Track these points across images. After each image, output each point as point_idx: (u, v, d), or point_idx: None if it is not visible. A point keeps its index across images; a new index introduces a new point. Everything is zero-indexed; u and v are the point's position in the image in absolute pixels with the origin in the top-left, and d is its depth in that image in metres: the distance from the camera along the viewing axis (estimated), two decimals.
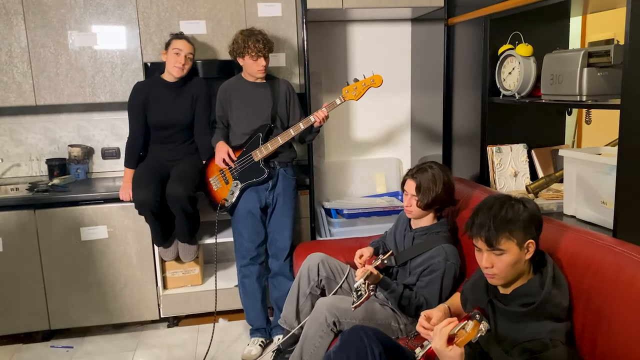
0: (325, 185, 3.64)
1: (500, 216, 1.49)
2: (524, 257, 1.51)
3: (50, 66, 2.94)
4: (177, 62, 2.75)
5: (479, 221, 1.51)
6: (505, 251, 1.50)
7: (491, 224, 1.48)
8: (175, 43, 2.76)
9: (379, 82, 2.68)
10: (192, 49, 2.80)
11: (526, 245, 1.50)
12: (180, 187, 2.68)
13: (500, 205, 1.52)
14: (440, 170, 2.23)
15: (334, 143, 3.66)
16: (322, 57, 3.53)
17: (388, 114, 3.70)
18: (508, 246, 1.50)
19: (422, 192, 2.19)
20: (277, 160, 2.80)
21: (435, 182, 2.19)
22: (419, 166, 2.27)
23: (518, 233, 1.49)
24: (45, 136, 3.33)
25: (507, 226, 1.49)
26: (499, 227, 1.49)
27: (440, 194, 2.18)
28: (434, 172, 2.21)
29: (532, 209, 1.53)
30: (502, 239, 1.49)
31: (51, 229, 2.86)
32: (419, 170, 2.23)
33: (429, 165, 2.25)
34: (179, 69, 2.76)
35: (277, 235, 2.83)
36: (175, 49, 2.75)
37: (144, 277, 3.00)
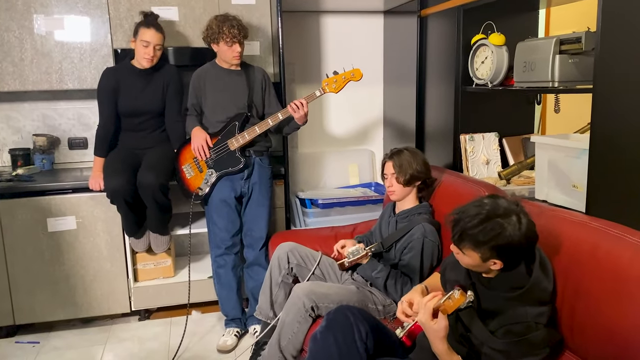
0: (298, 177, 3.63)
1: (475, 229, 1.45)
2: (488, 266, 1.50)
3: (14, 51, 2.83)
4: (146, 54, 2.68)
5: (458, 217, 1.50)
6: (468, 256, 1.51)
7: (462, 229, 1.47)
8: (143, 34, 2.66)
9: (358, 76, 2.68)
10: (161, 39, 2.71)
11: (490, 261, 1.48)
12: (152, 175, 2.62)
13: (485, 219, 1.45)
14: (415, 150, 2.36)
15: (307, 134, 3.65)
16: (296, 47, 3.51)
17: (361, 106, 3.72)
18: (470, 254, 1.50)
19: (401, 168, 2.26)
20: (252, 150, 2.77)
21: (412, 158, 2.29)
22: (394, 149, 2.36)
23: (485, 251, 1.46)
24: (7, 125, 3.20)
25: (475, 240, 1.46)
26: (465, 237, 1.47)
27: (419, 168, 2.27)
28: (408, 150, 2.33)
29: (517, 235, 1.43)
30: (467, 247, 1.49)
31: (15, 220, 2.75)
32: (394, 152, 2.32)
33: (403, 147, 2.37)
34: (148, 60, 2.70)
35: (252, 225, 2.80)
36: (144, 41, 2.67)
37: (114, 270, 2.92)
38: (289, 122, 2.76)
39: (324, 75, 3.57)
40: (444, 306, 1.38)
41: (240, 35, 2.64)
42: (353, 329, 1.54)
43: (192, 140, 2.69)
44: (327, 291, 2.15)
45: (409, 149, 2.33)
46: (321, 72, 3.60)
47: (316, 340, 1.62)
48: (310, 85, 3.59)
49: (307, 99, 2.67)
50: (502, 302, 1.49)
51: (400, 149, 2.33)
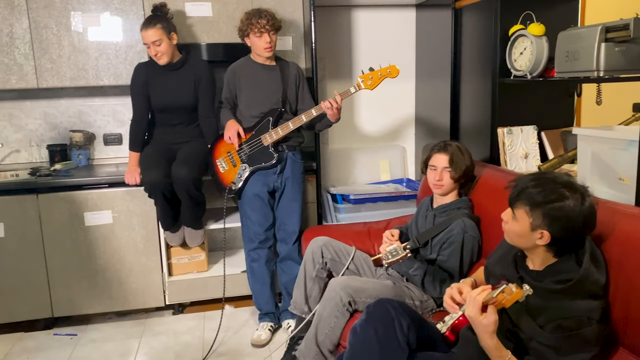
0: (329, 173, 3.61)
1: (535, 189, 1.45)
2: (534, 239, 1.47)
3: (52, 48, 2.88)
4: (152, 54, 2.70)
5: (519, 179, 1.52)
6: (518, 221, 1.49)
7: (522, 187, 1.48)
8: (142, 36, 2.68)
9: (395, 73, 2.64)
10: (156, 33, 2.64)
11: (538, 231, 1.46)
12: (185, 169, 2.64)
13: (548, 181, 1.45)
14: (462, 144, 2.32)
15: (338, 130, 3.63)
16: (327, 42, 3.49)
17: (392, 102, 3.68)
18: (521, 218, 1.48)
19: (455, 163, 2.23)
20: (285, 145, 2.76)
21: (462, 153, 2.28)
22: (442, 142, 2.33)
23: (537, 216, 1.44)
24: (45, 121, 3.26)
25: (531, 199, 1.46)
26: (522, 195, 1.48)
27: (468, 164, 2.25)
28: (457, 144, 2.30)
29: (576, 211, 1.40)
30: (521, 207, 1.48)
31: (54, 214, 2.80)
32: (445, 145, 2.29)
33: (450, 141, 2.34)
34: (156, 58, 2.71)
35: (285, 220, 2.79)
36: (144, 44, 2.69)
37: (149, 264, 2.95)
38: (321, 119, 2.75)
39: (355, 71, 3.58)
40: (497, 300, 1.34)
41: (269, 24, 2.62)
42: (394, 322, 1.51)
43: (225, 131, 2.69)
44: (363, 285, 2.12)
45: (458, 143, 2.30)
46: (352, 68, 3.58)
47: (356, 334, 1.59)
48: (342, 80, 3.57)
49: (341, 96, 2.64)
50: (551, 296, 1.45)
51: (450, 142, 2.30)
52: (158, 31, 2.68)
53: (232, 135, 2.65)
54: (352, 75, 3.57)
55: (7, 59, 2.85)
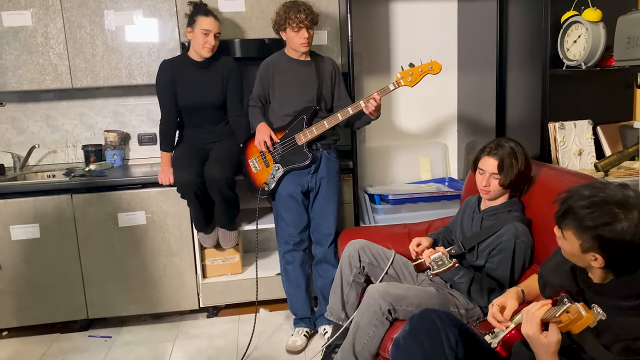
0: (366, 172, 3.48)
1: (583, 211, 1.28)
2: (588, 260, 1.32)
3: (86, 47, 2.86)
4: (207, 44, 2.63)
5: (568, 195, 1.34)
6: (567, 241, 1.34)
7: (569, 207, 1.31)
8: (202, 22, 2.61)
9: (437, 69, 2.49)
10: (219, 27, 2.66)
11: (590, 254, 1.30)
12: (218, 169, 2.57)
13: (599, 202, 1.27)
14: (518, 144, 2.10)
15: (375, 127, 3.48)
16: (363, 36, 3.36)
17: (433, 97, 3.51)
18: (570, 239, 1.33)
19: (504, 169, 2.04)
20: (320, 143, 2.65)
21: (516, 157, 2.06)
22: (494, 142, 2.12)
23: (586, 239, 1.29)
24: (81, 122, 3.25)
25: (578, 222, 1.29)
26: (569, 216, 1.31)
27: (523, 169, 2.05)
28: (512, 145, 2.08)
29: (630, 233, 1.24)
30: (568, 229, 1.32)
31: (88, 214, 2.78)
32: (497, 146, 2.08)
33: (505, 140, 2.11)
34: (209, 49, 2.64)
35: (320, 221, 2.68)
36: (204, 30, 2.61)
37: (183, 265, 2.90)
38: (360, 117, 2.62)
39: (394, 66, 3.43)
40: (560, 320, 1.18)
41: (308, 20, 2.52)
42: (441, 335, 1.38)
43: (257, 135, 2.61)
44: (404, 293, 1.99)
45: (512, 144, 2.07)
46: (391, 63, 3.43)
47: (399, 347, 1.47)
48: (379, 76, 3.43)
49: (379, 93, 2.51)
50: (617, 313, 1.28)
51: (502, 143, 2.08)
52: (219, 26, 2.65)
53: (263, 140, 2.57)
54: (390, 70, 3.43)
55: (42, 60, 2.84)
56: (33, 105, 3.20)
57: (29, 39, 2.81)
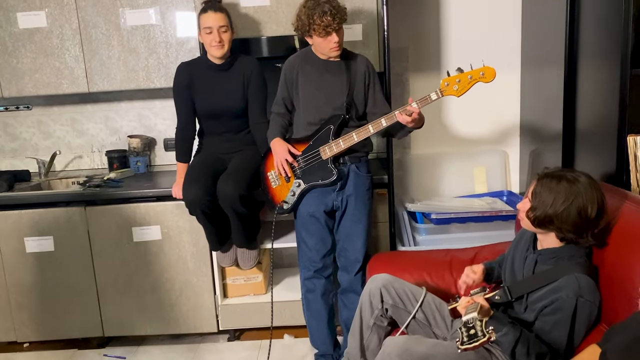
0: (411, 183, 3.09)
1: None
2: None
3: (102, 49, 2.68)
4: (213, 41, 2.35)
5: None
6: None
7: None
8: (202, 21, 2.36)
9: (490, 77, 2.08)
10: (224, 19, 2.37)
11: None
12: (230, 184, 2.29)
13: None
14: (583, 188, 1.57)
15: (422, 132, 3.03)
16: (410, 29, 2.96)
17: (492, 97, 3.03)
18: None
19: (536, 201, 1.61)
20: (348, 157, 2.30)
21: (561, 198, 1.57)
22: (560, 170, 1.66)
23: None
24: (106, 126, 3.10)
25: None
26: None
27: (563, 217, 1.57)
28: (570, 186, 1.57)
29: None
30: None
31: (102, 228, 2.61)
32: (552, 174, 1.63)
33: (573, 175, 1.60)
34: (218, 47, 2.36)
35: (347, 245, 2.35)
36: (205, 28, 2.35)
37: (200, 284, 2.67)
38: (401, 126, 2.23)
39: (444, 63, 3.00)
40: None
41: (336, 22, 2.16)
42: None
43: (274, 155, 2.31)
44: (429, 351, 1.62)
45: (578, 181, 1.58)
46: (441, 59, 3.00)
47: None
48: (427, 75, 3.01)
49: (419, 103, 2.13)
50: None
51: (564, 175, 1.60)
52: (226, 18, 2.38)
53: (282, 161, 2.26)
54: (440, 69, 3.00)
55: (58, 62, 2.69)
56: (59, 109, 3.09)
57: (44, 41, 2.67)
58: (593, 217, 1.56)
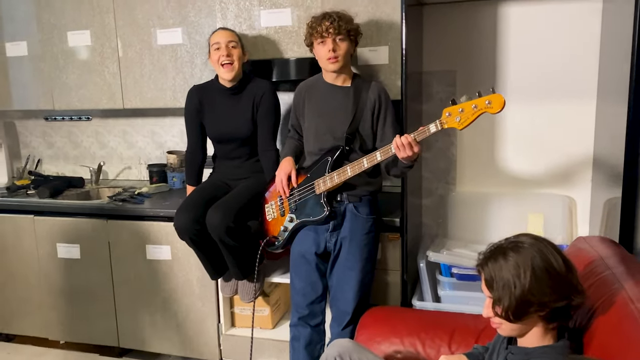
0: (453, 225, 2.70)
1: None
2: None
3: (135, 67, 2.74)
4: (222, 58, 2.26)
5: None
6: None
7: None
8: (212, 39, 2.31)
9: (497, 107, 1.73)
10: (233, 35, 2.30)
11: None
12: (218, 214, 2.17)
13: None
14: (533, 247, 1.26)
15: (470, 166, 2.69)
16: (458, 50, 2.59)
17: (558, 130, 2.56)
18: None
19: (496, 291, 1.28)
20: (347, 193, 2.07)
21: (520, 269, 1.25)
22: (494, 245, 1.34)
23: None
24: (152, 140, 3.19)
25: None
26: None
27: (535, 288, 1.23)
28: (519, 252, 1.26)
29: None
30: None
31: (121, 241, 2.66)
32: (490, 254, 1.31)
33: (513, 242, 1.30)
34: (228, 65, 2.27)
35: (338, 293, 2.10)
36: (214, 45, 2.28)
37: (205, 310, 2.60)
38: (395, 162, 1.97)
39: (500, 87, 2.58)
40: None
41: (334, 27, 1.97)
42: None
43: (277, 172, 2.15)
44: None
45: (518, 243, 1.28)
46: (497, 85, 2.59)
47: None
48: None
49: (416, 135, 1.84)
50: None
51: (502, 246, 1.30)
52: (235, 36, 2.33)
53: (280, 180, 2.11)
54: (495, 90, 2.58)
55: (99, 79, 2.81)
56: (113, 121, 3.24)
57: (88, 58, 2.80)
58: (564, 270, 1.24)
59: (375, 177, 2.13)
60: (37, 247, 2.80)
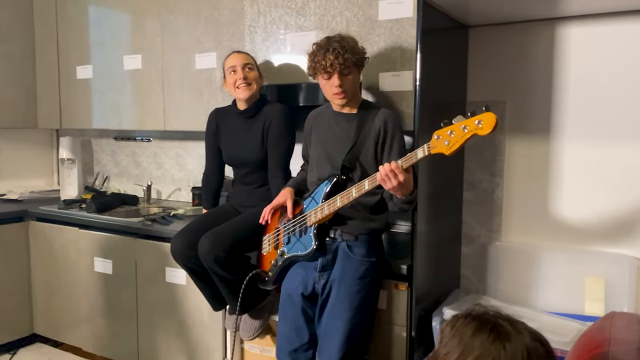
0: (493, 280, 2.32)
1: None
2: None
3: (176, 90, 2.78)
4: (238, 81, 2.20)
5: None
6: None
7: None
8: (226, 63, 2.25)
9: (488, 127, 1.47)
10: (249, 58, 2.24)
11: None
12: (207, 243, 2.05)
13: None
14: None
15: (519, 212, 2.30)
16: (510, 78, 2.26)
17: (627, 176, 2.09)
18: None
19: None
20: (342, 229, 1.85)
21: None
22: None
23: None
24: (199, 163, 3.21)
25: None
26: None
27: None
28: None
29: None
30: None
31: (145, 261, 2.68)
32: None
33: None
34: (245, 87, 2.20)
35: (323, 344, 1.87)
36: (229, 68, 2.23)
37: (212, 343, 2.49)
38: (391, 196, 1.74)
39: (557, 124, 2.19)
40: None
41: (339, 61, 1.79)
42: None
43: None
44: None
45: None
46: (553, 118, 2.21)
47: None
48: (531, 138, 2.26)
49: (403, 162, 1.60)
50: None
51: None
52: (251, 58, 2.29)
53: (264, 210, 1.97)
54: (550, 129, 2.21)
55: (146, 101, 2.90)
56: (169, 143, 3.33)
57: (138, 81, 2.91)
58: None
59: (379, 213, 1.88)
60: (78, 259, 2.92)
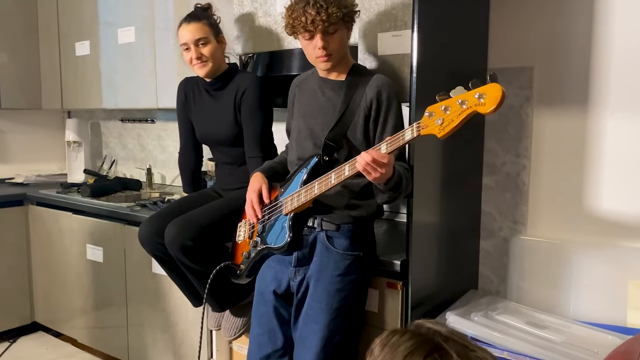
0: (515, 281, 1.96)
1: None
2: None
3: (168, 65, 2.56)
4: (193, 61, 1.95)
5: None
6: None
7: None
8: (179, 37, 1.97)
9: (492, 103, 1.14)
10: (203, 29, 1.94)
11: None
12: (175, 230, 1.80)
13: None
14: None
15: (548, 201, 1.92)
16: (535, 42, 1.88)
17: None
18: None
19: None
20: (324, 218, 1.56)
21: None
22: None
23: None
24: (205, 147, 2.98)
25: None
26: None
27: None
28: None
29: None
30: None
31: (133, 249, 2.47)
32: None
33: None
34: (201, 65, 1.95)
35: (299, 349, 1.58)
36: (182, 45, 1.96)
37: (197, 340, 2.23)
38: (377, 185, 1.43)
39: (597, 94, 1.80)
40: None
41: (321, 17, 1.49)
42: None
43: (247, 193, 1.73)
44: None
45: None
46: (593, 87, 1.82)
47: None
48: (564, 111, 1.87)
49: (388, 145, 1.30)
50: None
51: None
52: (204, 27, 1.98)
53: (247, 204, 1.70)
54: (588, 101, 1.82)
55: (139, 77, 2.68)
56: (172, 125, 3.12)
57: (132, 57, 2.70)
58: None
59: (366, 198, 1.57)
60: (72, 245, 2.77)
